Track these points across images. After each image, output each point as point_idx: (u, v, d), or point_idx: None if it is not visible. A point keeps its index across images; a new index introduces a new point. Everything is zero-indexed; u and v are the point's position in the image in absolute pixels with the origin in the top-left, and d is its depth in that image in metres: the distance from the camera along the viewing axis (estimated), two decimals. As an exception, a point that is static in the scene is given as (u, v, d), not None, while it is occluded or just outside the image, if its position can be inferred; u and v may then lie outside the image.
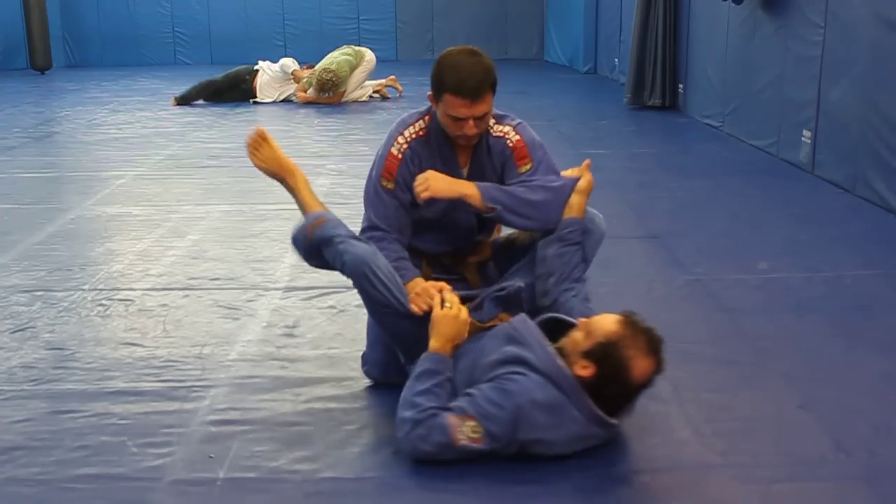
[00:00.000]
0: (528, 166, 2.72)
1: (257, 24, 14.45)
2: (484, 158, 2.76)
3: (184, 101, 9.47)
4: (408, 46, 14.73)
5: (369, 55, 9.61)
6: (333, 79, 9.16)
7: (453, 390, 2.36)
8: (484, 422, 2.23)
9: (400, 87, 9.94)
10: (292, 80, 9.54)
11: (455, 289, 2.61)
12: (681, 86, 8.34)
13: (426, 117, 2.76)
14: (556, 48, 13.67)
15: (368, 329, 2.79)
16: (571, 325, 2.41)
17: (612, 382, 2.25)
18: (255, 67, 9.68)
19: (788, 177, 5.65)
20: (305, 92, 9.36)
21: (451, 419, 2.24)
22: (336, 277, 3.71)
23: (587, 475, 2.25)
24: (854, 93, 5.05)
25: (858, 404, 2.60)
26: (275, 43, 14.08)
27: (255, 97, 9.53)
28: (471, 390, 2.31)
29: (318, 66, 9.37)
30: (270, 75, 9.57)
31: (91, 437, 2.45)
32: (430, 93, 2.68)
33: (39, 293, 3.62)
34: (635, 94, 8.54)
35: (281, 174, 3.11)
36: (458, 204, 2.68)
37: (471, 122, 2.60)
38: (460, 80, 2.56)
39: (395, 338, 2.62)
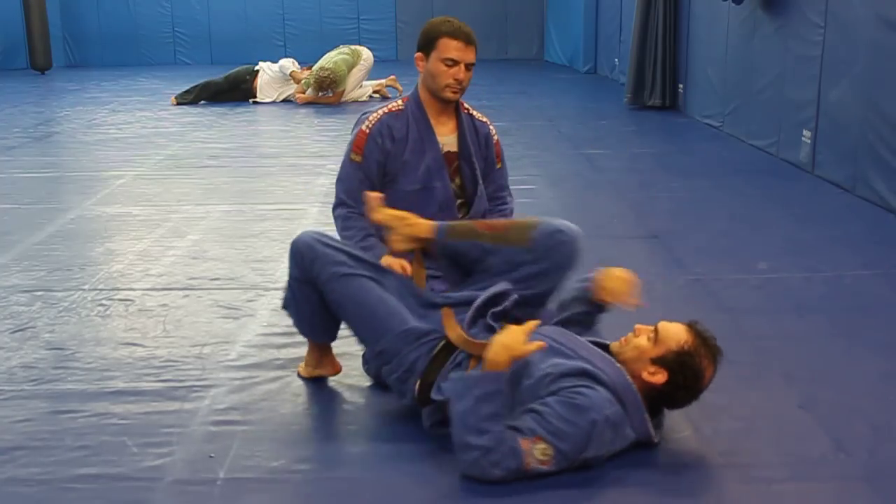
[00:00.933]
0: (499, 165, 3.12)
1: (257, 24, 14.46)
2: (470, 133, 3.00)
3: (183, 101, 9.47)
4: (408, 46, 14.72)
5: (366, 54, 9.60)
6: (331, 76, 9.16)
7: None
8: (555, 441, 2.17)
9: (400, 87, 9.94)
10: (292, 81, 9.55)
11: (441, 283, 2.65)
12: (681, 86, 8.34)
13: (402, 98, 3.02)
14: (556, 48, 13.67)
15: None
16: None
17: (683, 389, 2.31)
18: (256, 68, 9.69)
19: (788, 177, 5.65)
20: (304, 93, 9.36)
21: (523, 443, 2.17)
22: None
23: (587, 475, 2.25)
24: (854, 93, 5.05)
25: (858, 404, 2.60)
26: (275, 43, 14.09)
27: (255, 97, 9.53)
28: (536, 406, 2.21)
29: (316, 67, 9.37)
30: (271, 75, 9.58)
31: (91, 437, 2.45)
32: (417, 53, 2.92)
33: (39, 293, 3.62)
34: (635, 94, 8.54)
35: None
36: (434, 172, 2.90)
37: (462, 66, 2.85)
38: (455, 27, 2.88)
39: (359, 317, 2.50)
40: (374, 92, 9.83)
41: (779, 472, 2.25)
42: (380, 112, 2.97)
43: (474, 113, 3.08)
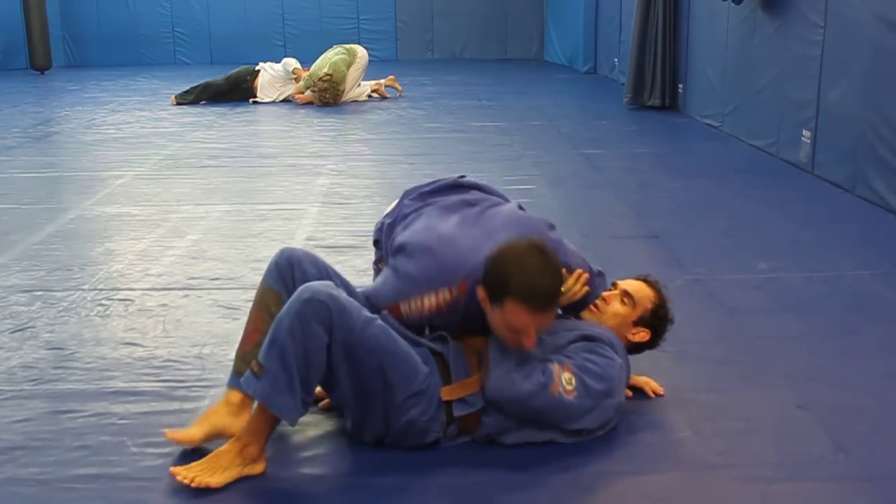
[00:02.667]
0: None
1: (257, 24, 14.45)
2: None
3: (184, 101, 9.46)
4: (408, 46, 14.73)
5: (361, 52, 9.56)
6: (331, 82, 9.10)
7: None
8: (580, 373, 2.30)
9: (399, 87, 9.94)
10: (293, 80, 9.53)
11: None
12: (681, 86, 8.34)
13: (459, 288, 2.33)
14: (556, 48, 13.67)
15: None
16: None
17: (658, 337, 2.60)
18: (256, 68, 9.68)
19: (788, 177, 5.65)
20: (302, 93, 9.33)
21: (553, 365, 2.28)
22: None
23: (587, 475, 2.25)
24: (854, 93, 5.05)
25: (858, 404, 2.60)
26: (275, 43, 14.09)
27: (255, 97, 9.53)
28: (560, 356, 2.34)
29: (312, 69, 9.29)
30: (272, 75, 9.57)
31: (91, 437, 2.45)
32: (482, 290, 2.26)
33: (39, 293, 3.62)
34: (635, 94, 8.54)
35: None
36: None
37: (532, 334, 2.25)
38: (530, 287, 2.17)
39: (395, 361, 2.24)
40: (373, 91, 9.82)
41: (779, 472, 2.25)
42: (426, 306, 2.36)
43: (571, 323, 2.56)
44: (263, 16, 14.47)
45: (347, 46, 9.59)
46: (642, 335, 2.56)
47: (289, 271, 2.39)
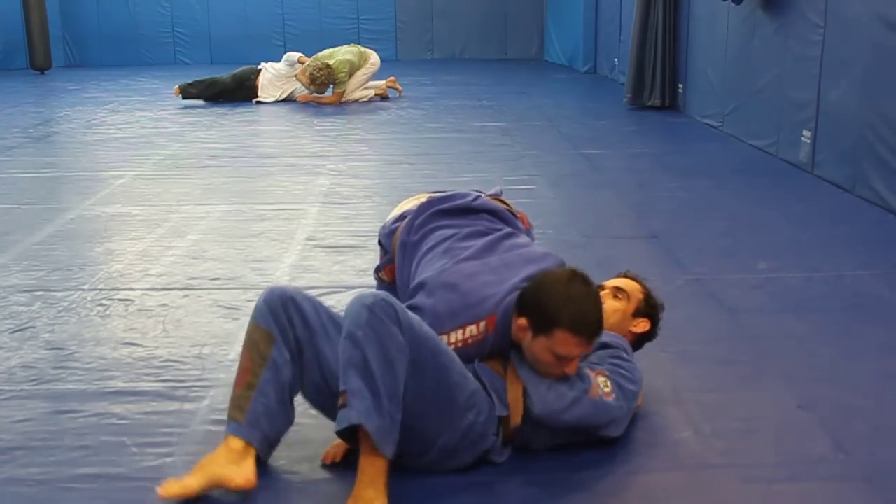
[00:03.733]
0: None
1: (257, 24, 14.45)
2: None
3: (188, 93, 9.43)
4: (408, 46, 14.73)
5: (374, 58, 9.56)
6: (326, 75, 9.12)
7: None
8: (613, 376, 2.33)
9: (400, 88, 9.94)
10: (294, 78, 9.53)
11: None
12: (681, 86, 8.34)
13: (486, 323, 2.26)
14: (556, 48, 13.67)
15: None
16: None
17: (657, 326, 2.64)
18: (258, 67, 9.69)
19: (788, 177, 5.65)
20: (305, 75, 9.32)
21: (588, 370, 2.31)
22: (336, 278, 3.74)
23: (587, 475, 2.25)
24: (854, 93, 5.05)
25: (858, 404, 2.60)
26: (275, 43, 14.08)
27: (257, 96, 9.53)
28: (588, 363, 2.37)
29: (321, 55, 9.34)
30: (273, 73, 9.57)
31: (91, 437, 2.45)
32: (520, 320, 2.22)
33: (39, 293, 3.62)
34: (635, 94, 8.54)
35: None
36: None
37: (575, 361, 2.24)
38: (581, 318, 2.17)
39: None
40: (376, 94, 9.82)
41: (779, 472, 2.25)
42: (455, 341, 2.24)
43: None
44: (263, 16, 14.48)
45: (363, 50, 9.57)
46: (643, 325, 2.60)
47: (281, 309, 2.25)
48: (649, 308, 2.62)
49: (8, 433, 2.47)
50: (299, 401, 2.32)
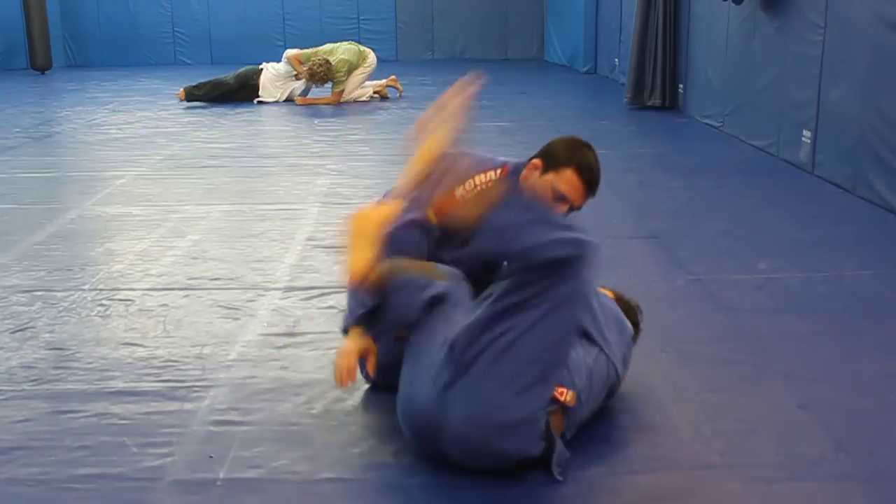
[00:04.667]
0: None
1: (257, 24, 14.45)
2: None
3: (193, 96, 9.43)
4: (408, 46, 14.74)
5: (372, 57, 9.60)
6: (325, 70, 9.13)
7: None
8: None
9: (400, 87, 9.94)
10: (294, 76, 9.53)
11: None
12: (681, 86, 8.34)
13: (501, 170, 2.64)
14: (556, 48, 13.67)
15: None
16: None
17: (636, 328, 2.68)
18: (260, 67, 9.69)
19: (788, 177, 5.65)
20: (299, 61, 9.33)
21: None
22: (336, 277, 3.73)
23: (587, 475, 2.25)
24: (854, 93, 5.05)
25: (858, 404, 2.60)
26: (275, 43, 14.07)
27: (259, 95, 9.54)
28: None
29: (321, 49, 9.37)
30: (273, 73, 9.58)
31: (91, 437, 2.45)
32: (535, 160, 2.60)
33: (39, 293, 3.62)
34: (635, 94, 8.54)
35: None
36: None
37: (566, 208, 2.54)
38: (588, 166, 2.56)
39: None
40: (375, 92, 9.83)
41: (779, 472, 2.25)
42: (478, 183, 2.58)
43: None
44: (264, 16, 14.48)
45: (361, 49, 9.58)
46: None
47: None
48: (622, 304, 2.65)
49: (8, 433, 2.47)
50: (298, 400, 2.32)
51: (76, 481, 2.23)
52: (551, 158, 2.57)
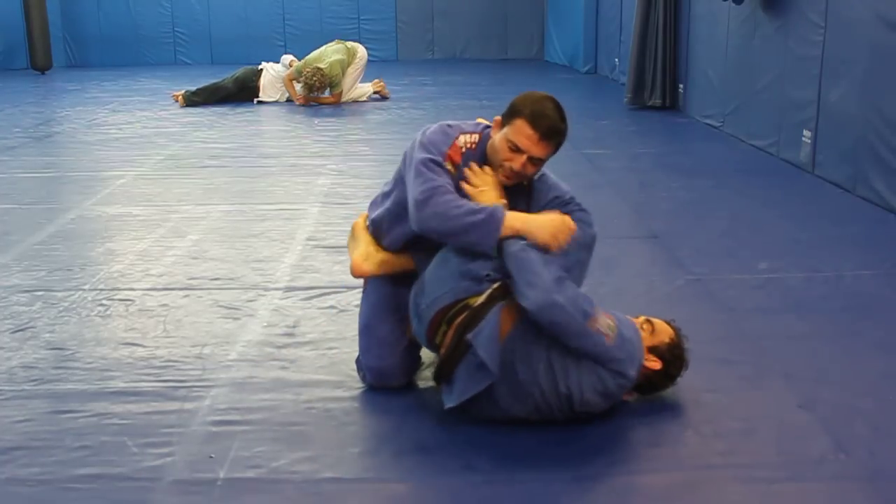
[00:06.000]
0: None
1: (257, 24, 14.45)
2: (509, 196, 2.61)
3: (192, 102, 9.41)
4: (408, 46, 14.73)
5: (361, 51, 9.54)
6: (320, 79, 9.11)
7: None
8: (619, 326, 2.38)
9: (388, 94, 9.84)
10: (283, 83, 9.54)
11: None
12: (681, 86, 8.34)
13: (477, 135, 2.65)
14: (556, 48, 13.67)
15: (360, 334, 2.78)
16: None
17: (668, 378, 2.55)
18: (259, 67, 9.69)
19: (788, 177, 5.65)
20: (291, 81, 9.32)
21: (595, 308, 2.38)
22: (336, 278, 3.73)
23: (587, 475, 2.25)
24: (854, 93, 5.05)
25: (858, 404, 2.60)
26: (275, 43, 14.08)
27: (259, 97, 9.54)
28: None
29: (310, 58, 9.29)
30: (273, 74, 9.58)
31: (91, 437, 2.45)
32: (498, 117, 2.60)
33: (40, 293, 3.62)
34: (635, 94, 8.54)
35: None
36: None
37: (524, 159, 2.51)
38: (541, 113, 2.51)
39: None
40: (375, 92, 9.81)
41: (779, 472, 2.25)
42: (469, 141, 2.62)
43: (549, 181, 2.70)
44: (264, 16, 14.47)
45: (349, 45, 9.57)
46: (654, 363, 2.49)
47: None
48: (669, 354, 2.53)
49: (8, 433, 2.48)
50: (298, 401, 2.32)
51: (76, 481, 2.23)
52: (508, 111, 2.57)
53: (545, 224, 2.48)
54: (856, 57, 5.03)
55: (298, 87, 9.28)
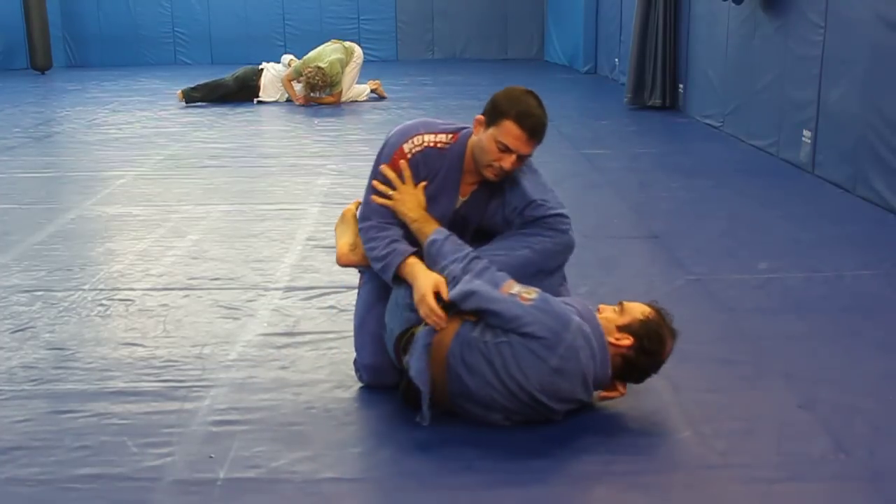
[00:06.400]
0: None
1: (257, 24, 14.45)
2: (485, 198, 2.69)
3: (192, 99, 9.43)
4: (408, 46, 14.73)
5: (358, 51, 9.58)
6: (323, 77, 9.12)
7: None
8: (543, 296, 2.43)
9: (384, 94, 9.86)
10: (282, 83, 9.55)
11: None
12: (681, 86, 8.34)
13: (452, 136, 2.68)
14: (556, 48, 13.67)
15: (355, 333, 2.78)
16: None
17: (646, 355, 2.46)
18: (260, 67, 9.69)
19: (788, 177, 5.65)
20: (290, 81, 9.34)
21: (508, 279, 2.47)
22: (336, 278, 3.74)
23: (587, 475, 2.25)
24: (854, 93, 5.05)
25: (858, 404, 2.60)
26: (275, 43, 14.08)
27: (259, 96, 9.54)
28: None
29: (308, 58, 9.31)
30: (273, 74, 9.58)
31: (91, 437, 2.45)
32: (479, 116, 2.62)
33: (40, 293, 3.62)
34: (635, 94, 8.54)
35: None
36: (440, 222, 2.66)
37: (514, 158, 2.55)
38: (527, 112, 2.55)
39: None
40: (372, 91, 9.82)
41: (778, 472, 2.25)
42: (427, 141, 2.68)
43: (524, 183, 2.67)
44: (264, 16, 14.48)
45: (346, 44, 9.58)
46: (625, 341, 2.43)
47: None
48: (643, 327, 2.45)
49: (8, 433, 2.48)
50: (298, 400, 2.32)
51: (76, 481, 2.23)
52: (492, 111, 2.59)
53: (424, 283, 2.50)
54: (856, 57, 5.03)
55: (298, 87, 9.30)
